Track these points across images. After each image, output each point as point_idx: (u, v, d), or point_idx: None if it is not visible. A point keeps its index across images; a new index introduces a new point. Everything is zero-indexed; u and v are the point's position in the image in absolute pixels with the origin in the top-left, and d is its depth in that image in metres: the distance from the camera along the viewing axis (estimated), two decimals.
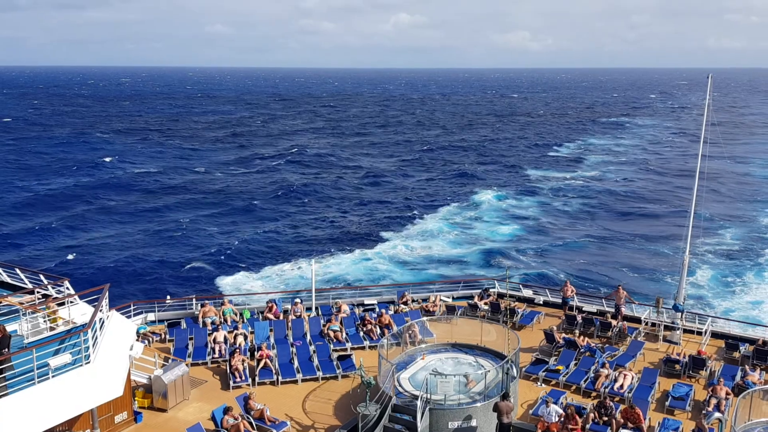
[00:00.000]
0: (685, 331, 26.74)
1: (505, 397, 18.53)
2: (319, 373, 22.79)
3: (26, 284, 20.66)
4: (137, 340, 21.77)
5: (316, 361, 23.52)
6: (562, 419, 18.89)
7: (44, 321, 17.09)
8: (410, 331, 23.64)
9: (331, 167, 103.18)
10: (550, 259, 57.13)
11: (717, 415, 19.75)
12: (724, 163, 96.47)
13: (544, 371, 22.96)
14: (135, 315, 27.25)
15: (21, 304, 17.92)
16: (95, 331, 16.19)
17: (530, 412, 20.17)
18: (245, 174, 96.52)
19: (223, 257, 56.89)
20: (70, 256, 55.60)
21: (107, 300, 18.11)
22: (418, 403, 18.41)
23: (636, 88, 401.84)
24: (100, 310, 16.94)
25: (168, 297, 29.85)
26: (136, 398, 20.52)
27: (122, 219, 69.06)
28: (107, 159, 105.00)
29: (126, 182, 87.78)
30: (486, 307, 28.95)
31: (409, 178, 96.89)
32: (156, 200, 77.73)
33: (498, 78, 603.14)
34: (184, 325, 26.75)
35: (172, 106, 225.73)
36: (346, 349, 25.04)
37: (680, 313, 26.73)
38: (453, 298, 31.18)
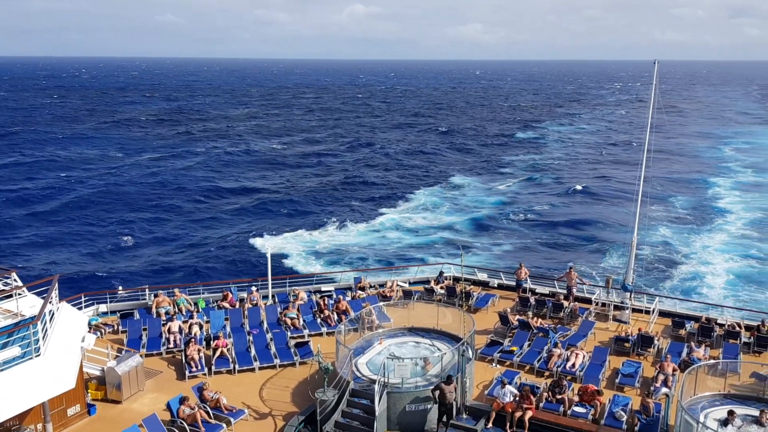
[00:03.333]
0: (634, 310, 27.55)
1: (448, 380, 18.77)
2: (277, 361, 22.74)
3: None
4: (89, 331, 21.35)
5: (273, 349, 23.45)
6: (517, 399, 19.30)
7: None
8: (368, 317, 23.77)
9: (288, 163, 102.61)
10: (504, 243, 58.05)
11: (664, 390, 20.41)
12: (671, 144, 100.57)
13: (498, 352, 23.39)
14: (86, 306, 26.73)
15: None
16: (45, 324, 15.84)
17: (485, 392, 20.54)
18: (202, 165, 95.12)
19: (176, 246, 56.09)
20: (17, 248, 54.02)
21: (57, 291, 17.72)
22: (376, 387, 18.56)
23: (588, 79, 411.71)
24: (50, 302, 16.57)
25: (120, 288, 29.34)
26: (89, 390, 20.16)
27: (70, 210, 67.30)
28: (55, 151, 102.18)
29: (74, 174, 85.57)
30: (442, 291, 29.29)
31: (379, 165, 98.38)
32: (104, 191, 75.90)
33: (453, 70, 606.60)
34: (137, 315, 26.35)
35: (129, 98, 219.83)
36: (303, 336, 25.04)
37: (629, 293, 27.50)
38: (409, 283, 31.45)
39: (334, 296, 28.76)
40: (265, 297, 28.71)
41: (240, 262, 51.93)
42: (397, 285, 30.35)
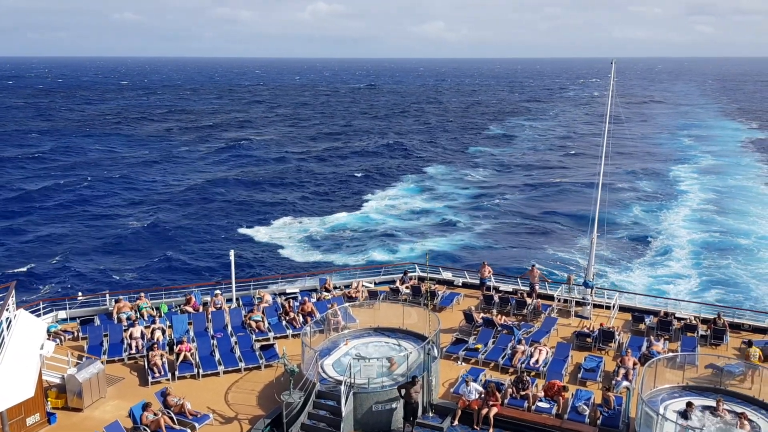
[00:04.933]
0: (595, 306, 28.06)
1: (413, 380, 18.73)
2: (242, 364, 22.55)
3: None
4: (48, 338, 20.90)
5: (238, 352, 23.25)
6: (483, 396, 19.49)
7: None
8: (333, 318, 23.73)
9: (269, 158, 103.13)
10: (467, 243, 58.60)
11: (625, 383, 20.86)
12: (629, 140, 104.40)
13: (464, 350, 23.59)
14: (45, 313, 26.16)
15: None
16: (2, 331, 15.46)
17: (451, 390, 20.69)
18: (171, 166, 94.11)
19: (137, 250, 55.22)
20: None
21: (14, 298, 17.32)
22: (342, 387, 18.55)
23: (551, 76, 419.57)
24: (6, 309, 16.18)
25: (79, 294, 28.75)
26: (49, 399, 19.69)
27: (26, 214, 65.72)
28: (16, 154, 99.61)
29: (30, 176, 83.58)
30: (407, 291, 29.41)
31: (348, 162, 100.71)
32: (60, 193, 74.28)
33: (418, 68, 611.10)
34: (97, 321, 25.87)
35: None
36: (268, 339, 24.88)
37: (590, 290, 28.00)
38: (375, 284, 31.50)
39: (299, 298, 28.68)
40: (229, 300, 28.45)
41: (205, 265, 51.44)
42: (363, 285, 30.37)
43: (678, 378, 20.16)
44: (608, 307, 28.14)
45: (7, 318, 16.27)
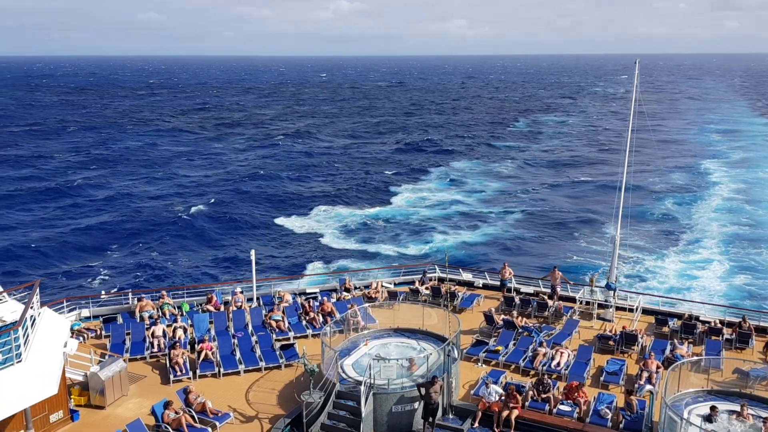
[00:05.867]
0: (618, 308, 27.75)
1: (433, 380, 18.68)
2: (262, 364, 22.63)
3: None
4: (71, 336, 21.13)
5: (258, 352, 23.33)
6: (503, 398, 19.35)
7: None
8: (353, 318, 23.72)
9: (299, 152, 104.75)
10: (489, 242, 58.56)
11: (648, 387, 20.61)
12: (653, 140, 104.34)
13: (484, 352, 23.45)
14: (68, 311, 26.44)
15: None
16: (26, 329, 15.63)
17: (471, 392, 20.57)
18: (181, 167, 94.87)
19: (159, 250, 55.68)
20: None
21: (38, 297, 17.51)
22: (362, 388, 18.52)
23: (572, 73, 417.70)
24: (31, 307, 16.36)
25: (103, 292, 29.05)
26: (72, 396, 19.92)
27: (52, 214, 66.58)
28: (43, 152, 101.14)
29: (53, 178, 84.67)
30: (427, 292, 29.32)
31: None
32: (88, 194, 75.23)
33: (442, 65, 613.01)
34: (120, 320, 26.12)
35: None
36: (288, 339, 24.94)
37: (613, 292, 27.70)
38: (394, 284, 31.44)
39: (319, 298, 28.71)
40: (250, 299, 28.56)
41: (228, 263, 51.84)
42: (382, 286, 30.33)
43: (702, 382, 19.86)
44: (631, 310, 27.81)
45: (32, 316, 16.46)
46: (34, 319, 16.77)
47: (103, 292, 28.84)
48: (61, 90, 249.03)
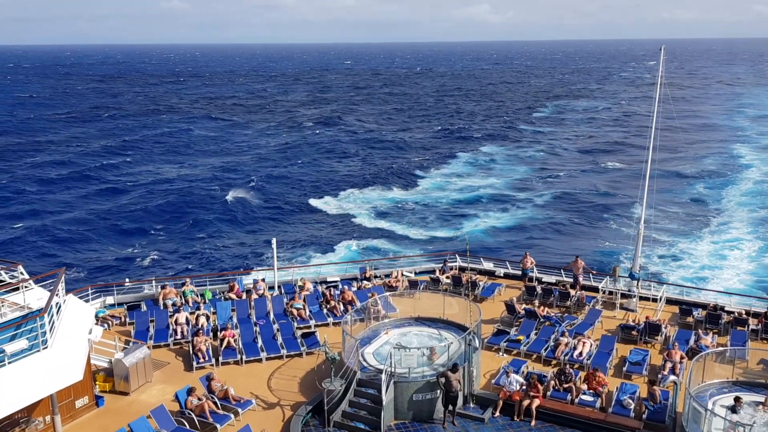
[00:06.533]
0: (641, 298, 27.47)
1: (454, 368, 18.75)
2: (284, 351, 22.77)
3: None
4: (96, 323, 21.40)
5: (280, 339, 23.48)
6: (524, 387, 19.28)
7: None
8: (374, 307, 23.74)
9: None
10: (514, 227, 58.66)
11: (672, 378, 20.40)
12: (678, 128, 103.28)
13: (505, 341, 23.37)
14: (93, 299, 26.78)
15: None
16: (52, 316, 15.84)
17: (492, 381, 20.52)
18: (211, 154, 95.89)
19: (181, 238, 56.16)
20: (24, 241, 54.17)
21: (63, 284, 17.73)
22: (383, 376, 18.55)
23: (599, 59, 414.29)
24: (57, 295, 16.57)
25: (127, 280, 29.39)
26: (97, 382, 20.22)
27: (77, 202, 67.39)
28: (56, 141, 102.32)
29: (80, 164, 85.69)
30: (448, 281, 29.25)
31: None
32: (110, 182, 76.07)
33: (467, 51, 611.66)
34: (144, 307, 26.39)
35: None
36: (309, 327, 25.06)
37: (636, 281, 27.41)
38: (415, 273, 31.41)
39: (340, 286, 28.78)
40: (271, 288, 28.72)
41: (257, 249, 52.35)
42: (403, 275, 30.32)
43: (727, 373, 19.60)
44: (655, 300, 27.50)
45: (57, 303, 16.68)
46: (60, 307, 17.00)
47: (127, 280, 29.17)
48: (92, 78, 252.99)
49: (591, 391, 19.50)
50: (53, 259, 50.03)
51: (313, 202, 67.59)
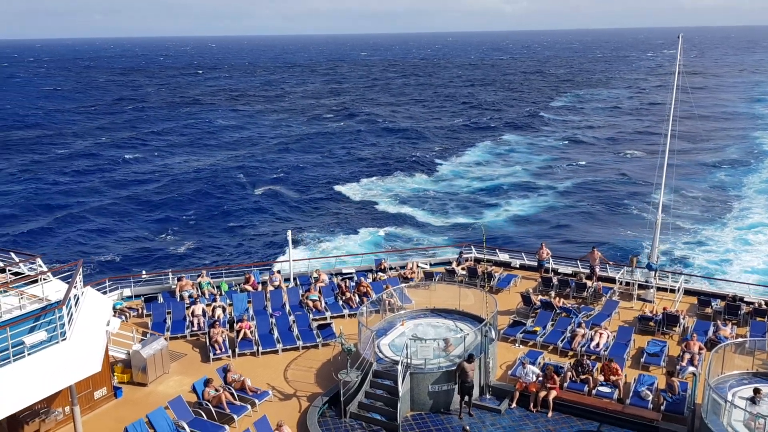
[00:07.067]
0: (659, 289, 27.23)
1: (470, 359, 18.71)
2: (300, 343, 22.83)
3: None
4: (114, 315, 21.55)
5: (296, 331, 23.54)
6: (541, 379, 19.20)
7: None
8: (389, 298, 23.72)
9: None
10: (526, 222, 58.39)
11: (691, 369, 20.23)
12: (698, 116, 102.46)
13: (521, 333, 23.27)
14: (110, 291, 26.98)
15: None
16: (70, 308, 15.94)
17: (509, 373, 20.46)
18: (232, 145, 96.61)
19: (197, 230, 56.45)
20: (41, 234, 54.73)
21: (81, 276, 17.84)
22: (399, 367, 18.54)
23: (617, 47, 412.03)
24: (75, 287, 16.67)
25: (143, 272, 29.55)
26: (115, 374, 20.39)
27: (93, 195, 67.89)
28: (74, 135, 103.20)
29: (102, 156, 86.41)
30: (463, 272, 29.16)
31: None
32: (125, 174, 76.57)
33: (482, 41, 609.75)
34: (161, 299, 26.56)
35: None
36: (325, 318, 25.09)
37: (654, 272, 27.16)
38: (430, 264, 31.35)
39: (355, 278, 28.77)
40: (287, 279, 28.79)
41: (262, 243, 52.59)
42: (418, 266, 30.26)
43: (747, 364, 19.36)
44: (673, 291, 27.25)
45: (75, 295, 16.78)
46: (78, 299, 17.10)
47: (144, 272, 29.35)
48: (113, 71, 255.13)
49: (608, 382, 19.38)
50: (74, 249, 50.66)
51: (335, 190, 68.54)
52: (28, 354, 14.47)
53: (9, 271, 18.81)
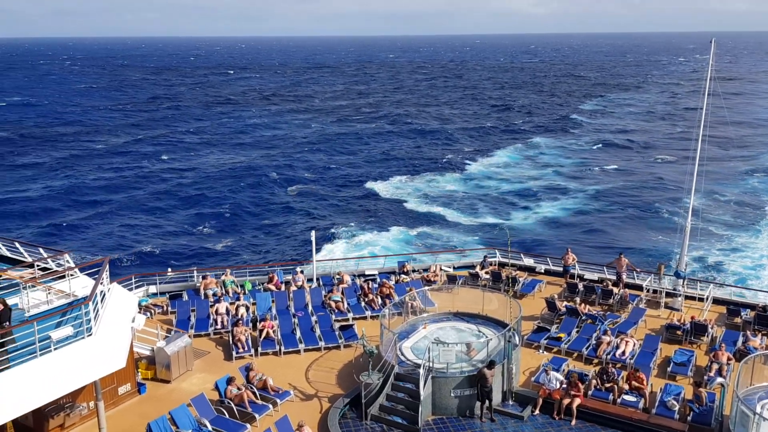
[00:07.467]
0: (687, 297, 26.77)
1: (491, 365, 18.52)
2: (322, 343, 22.84)
3: (26, 258, 20.57)
4: (139, 312, 21.75)
5: (318, 332, 23.55)
6: (564, 386, 18.96)
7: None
8: (412, 301, 23.62)
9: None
10: (554, 225, 58.07)
11: (719, 380, 19.83)
12: (728, 124, 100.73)
13: (545, 339, 23.03)
14: (136, 288, 27.25)
15: (21, 277, 17.84)
16: (96, 304, 16.11)
17: (532, 379, 20.24)
18: (264, 145, 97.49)
19: (223, 228, 56.86)
20: (73, 228, 55.61)
21: (108, 273, 18.03)
22: (421, 371, 18.44)
23: (648, 51, 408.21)
24: (101, 283, 16.85)
25: (169, 269, 29.83)
26: (139, 370, 20.57)
27: (118, 194, 68.69)
28: (96, 132, 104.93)
29: (136, 153, 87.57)
30: (487, 276, 28.95)
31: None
32: (158, 171, 77.48)
33: (508, 43, 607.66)
34: (185, 297, 26.76)
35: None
36: (347, 319, 25.07)
37: (682, 280, 26.71)
38: (454, 268, 31.18)
39: (378, 280, 28.72)
40: (310, 280, 28.84)
41: (291, 243, 52.87)
42: (441, 269, 30.11)
43: None
44: (701, 299, 26.78)
45: (102, 291, 16.96)
46: (104, 295, 17.29)
47: (169, 270, 29.61)
48: (146, 69, 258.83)
49: (633, 391, 19.07)
50: (103, 243, 51.47)
51: (365, 189, 69.39)
52: (55, 349, 14.65)
53: (37, 266, 19.09)
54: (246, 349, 22.31)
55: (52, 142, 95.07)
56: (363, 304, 26.38)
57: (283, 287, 27.71)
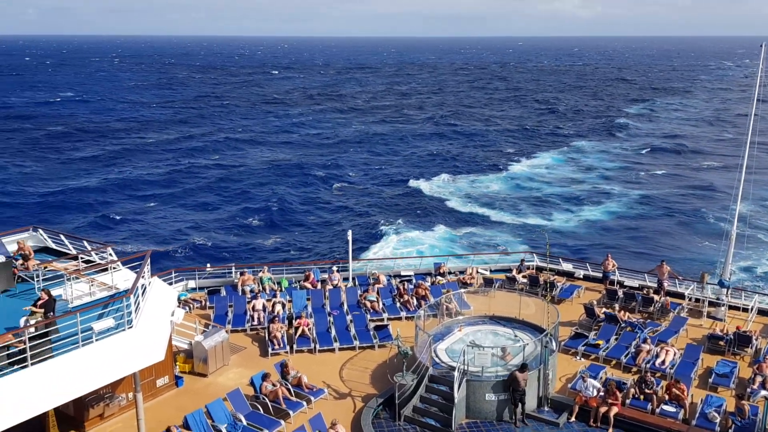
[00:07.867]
0: (731, 307, 26.09)
1: (523, 368, 18.34)
2: (356, 343, 22.89)
3: (70, 250, 21.08)
4: (178, 306, 22.10)
5: (353, 331, 23.62)
6: (602, 394, 18.64)
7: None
8: (447, 303, 23.51)
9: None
10: (596, 229, 57.32)
11: (763, 393, 19.26)
12: None
13: (583, 345, 22.67)
14: (176, 282, 27.71)
15: (65, 269, 18.29)
16: (137, 297, 16.40)
17: (569, 386, 19.95)
18: (310, 144, 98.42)
19: (267, 226, 57.49)
20: (115, 224, 56.81)
21: (149, 267, 18.35)
22: (455, 374, 18.33)
23: (697, 56, 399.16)
24: (142, 277, 17.15)
25: (208, 265, 30.23)
26: (177, 363, 20.91)
27: (165, 189, 69.97)
28: (145, 127, 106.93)
29: (185, 151, 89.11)
30: (524, 280, 28.64)
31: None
32: (204, 168, 78.76)
33: (552, 46, 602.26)
34: (223, 292, 27.11)
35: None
36: (382, 320, 25.08)
37: (726, 289, 26.03)
38: (490, 271, 30.92)
39: (414, 281, 28.66)
40: (346, 279, 28.94)
41: (322, 242, 53.11)
42: (478, 272, 29.90)
43: None
44: (745, 310, 26.04)
45: (143, 285, 17.27)
46: (145, 288, 17.59)
47: (208, 265, 30.01)
48: (193, 68, 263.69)
49: (673, 401, 18.64)
50: (146, 236, 52.60)
51: (408, 188, 69.96)
52: (96, 340, 14.95)
53: (81, 258, 19.54)
54: (281, 345, 22.50)
55: (105, 137, 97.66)
56: (398, 304, 26.36)
57: (319, 285, 27.88)
